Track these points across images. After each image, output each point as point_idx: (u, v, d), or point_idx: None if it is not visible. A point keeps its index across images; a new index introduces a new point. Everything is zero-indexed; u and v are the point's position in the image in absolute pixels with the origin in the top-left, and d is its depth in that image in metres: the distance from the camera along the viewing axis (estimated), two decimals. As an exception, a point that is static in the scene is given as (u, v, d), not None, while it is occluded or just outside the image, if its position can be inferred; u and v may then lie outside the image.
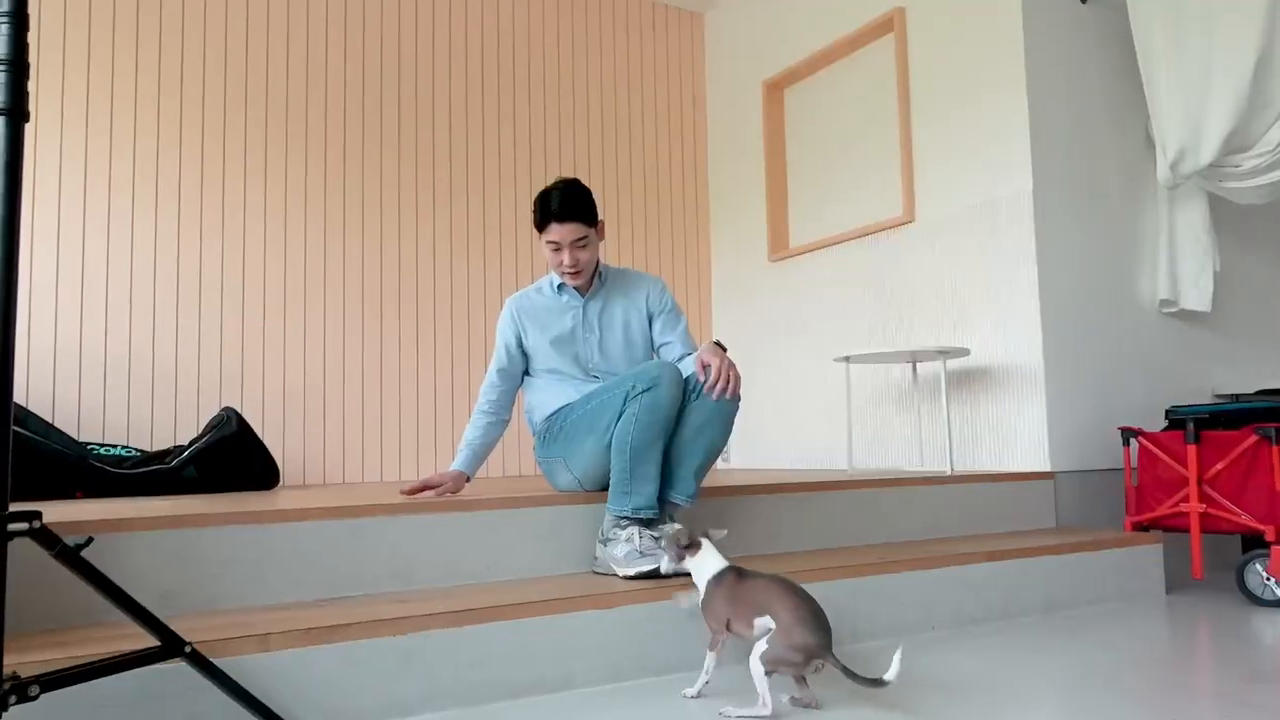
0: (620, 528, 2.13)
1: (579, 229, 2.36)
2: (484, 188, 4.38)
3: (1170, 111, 3.24)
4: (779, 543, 2.60)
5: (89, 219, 3.60)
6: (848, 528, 2.74)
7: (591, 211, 2.39)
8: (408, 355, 4.13)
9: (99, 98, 3.64)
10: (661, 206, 4.85)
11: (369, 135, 4.13)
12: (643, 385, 2.15)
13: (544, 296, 2.54)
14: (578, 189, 2.38)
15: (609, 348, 2.49)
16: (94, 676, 1.29)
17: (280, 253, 3.92)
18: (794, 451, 4.33)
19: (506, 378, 2.53)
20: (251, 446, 3.39)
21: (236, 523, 1.89)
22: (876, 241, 3.91)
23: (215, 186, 3.82)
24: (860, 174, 4.10)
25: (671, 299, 2.56)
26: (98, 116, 3.63)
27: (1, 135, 1.21)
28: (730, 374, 2.19)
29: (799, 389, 4.33)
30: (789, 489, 2.66)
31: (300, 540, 1.94)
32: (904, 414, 3.74)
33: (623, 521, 2.14)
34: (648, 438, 2.13)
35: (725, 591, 1.74)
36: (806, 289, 4.30)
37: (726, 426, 2.22)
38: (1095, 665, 1.97)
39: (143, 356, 3.63)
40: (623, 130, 4.79)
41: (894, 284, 3.81)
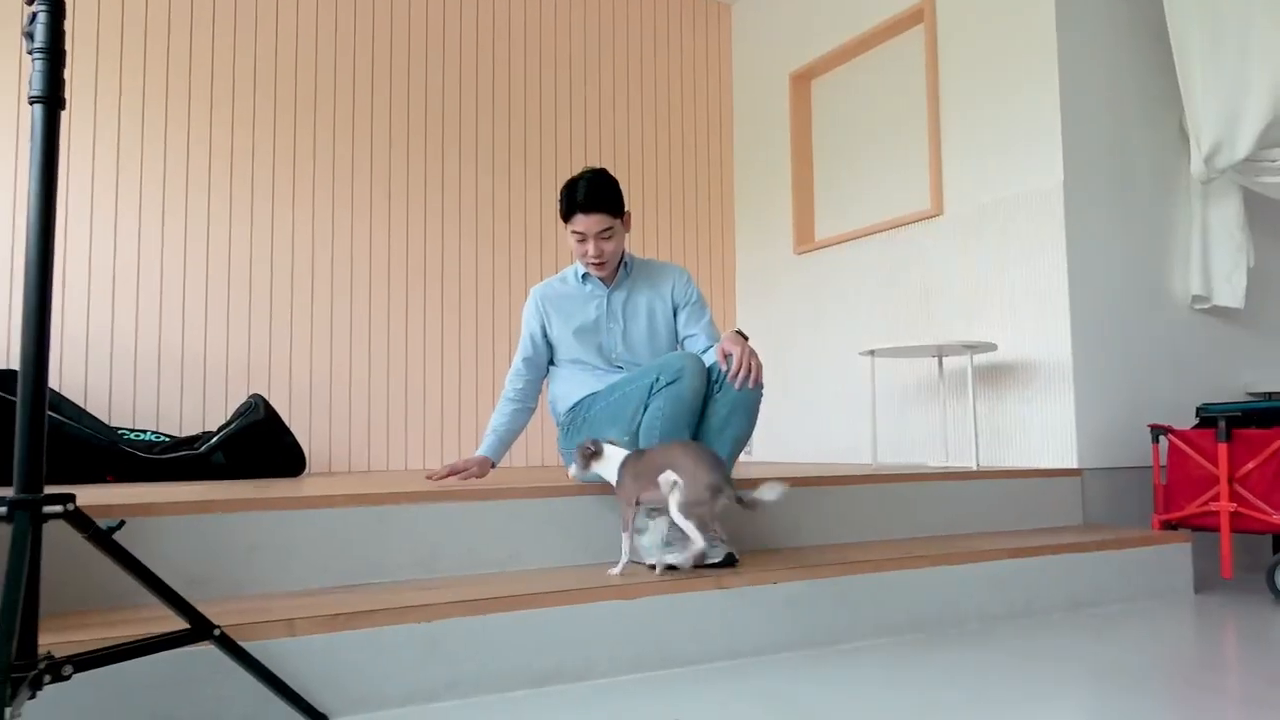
0: (650, 518, 2.14)
1: (604, 220, 2.35)
2: (509, 178, 4.39)
3: (1205, 105, 3.18)
4: (801, 536, 2.59)
5: (121, 207, 3.64)
6: (871, 522, 2.73)
7: (617, 202, 2.37)
8: (433, 343, 4.16)
9: (132, 86, 3.68)
10: (686, 198, 4.84)
11: (396, 125, 4.15)
12: (667, 378, 2.15)
13: (568, 286, 2.53)
14: (604, 179, 2.37)
15: (633, 338, 2.49)
16: (126, 658, 1.31)
17: (308, 242, 3.95)
18: (817, 445, 4.32)
19: (532, 367, 2.54)
20: (278, 433, 3.42)
21: (263, 509, 1.91)
22: (903, 235, 3.88)
23: (245, 175, 3.85)
24: (887, 167, 4.07)
25: (697, 291, 2.55)
26: (130, 104, 3.67)
27: (39, 122, 1.22)
28: (751, 362, 2.18)
29: (823, 382, 4.31)
30: (812, 482, 2.65)
31: (326, 527, 1.96)
32: (929, 409, 3.71)
33: (653, 513, 2.14)
34: (674, 429, 2.14)
35: (629, 470, 2.01)
36: (831, 282, 4.28)
37: (751, 417, 2.22)
38: (1121, 665, 1.95)
39: (173, 343, 3.67)
40: (649, 121, 4.78)
41: (920, 278, 3.78)
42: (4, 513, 1.19)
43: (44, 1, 1.22)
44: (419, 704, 1.68)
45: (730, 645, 2.00)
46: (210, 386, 3.73)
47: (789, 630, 2.08)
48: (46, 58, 1.22)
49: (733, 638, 2.00)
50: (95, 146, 3.61)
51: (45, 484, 1.24)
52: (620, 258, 2.49)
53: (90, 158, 3.60)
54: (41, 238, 1.23)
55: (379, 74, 4.13)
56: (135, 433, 3.38)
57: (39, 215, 1.23)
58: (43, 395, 1.22)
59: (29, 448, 1.21)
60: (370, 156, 4.09)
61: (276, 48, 3.94)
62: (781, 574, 2.09)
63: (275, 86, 3.92)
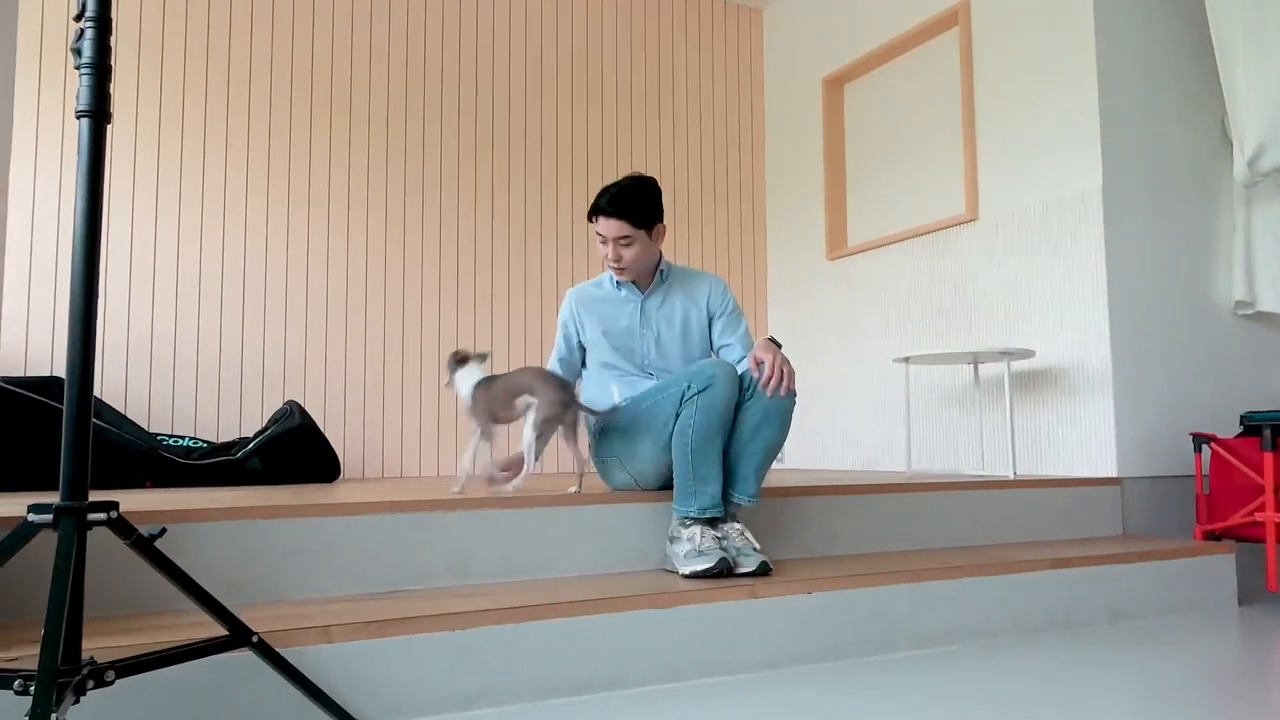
0: (685, 527, 2.15)
1: (623, 227, 2.36)
2: (541, 185, 4.41)
3: (1249, 107, 3.12)
4: (836, 545, 2.57)
5: (161, 216, 3.71)
6: (906, 531, 2.70)
7: (641, 212, 2.37)
8: (466, 348, 4.17)
9: (172, 91, 3.75)
10: (718, 203, 4.84)
11: (429, 132, 4.19)
12: (699, 385, 2.15)
13: (603, 291, 2.54)
14: (638, 188, 2.37)
15: (666, 345, 2.49)
16: (167, 664, 1.33)
17: (343, 250, 3.99)
18: (851, 453, 4.29)
19: (567, 367, 2.56)
20: (314, 439, 3.46)
21: (300, 515, 1.93)
22: (938, 240, 3.84)
23: (282, 183, 3.91)
24: (922, 171, 4.04)
25: (733, 300, 2.55)
26: (171, 112, 3.74)
27: (85, 136, 1.25)
28: (784, 370, 2.18)
29: (857, 389, 4.28)
30: (846, 490, 2.63)
31: (361, 533, 1.97)
32: (965, 416, 3.67)
33: (688, 521, 2.15)
34: (706, 437, 2.13)
35: (483, 393, 2.26)
36: (865, 288, 4.25)
37: (784, 424, 2.21)
38: (1163, 679, 1.92)
39: (210, 350, 3.73)
40: (679, 127, 4.78)
41: (956, 283, 3.75)
42: (50, 520, 1.21)
43: (92, 19, 1.25)
44: (453, 711, 1.69)
45: (764, 655, 1.99)
46: (247, 393, 3.78)
47: (823, 641, 2.06)
48: (94, 73, 1.25)
49: (766, 648, 1.99)
50: (137, 154, 3.68)
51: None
52: (656, 264, 2.50)
53: (131, 165, 3.67)
54: (87, 250, 1.25)
55: (412, 82, 4.17)
56: (174, 439, 3.44)
57: (85, 228, 1.25)
58: (88, 405, 1.24)
59: (74, 456, 1.23)
60: (404, 165, 4.13)
61: (313, 59, 4.00)
62: (816, 583, 2.08)
63: (312, 92, 3.98)
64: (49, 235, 3.51)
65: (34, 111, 3.52)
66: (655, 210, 2.40)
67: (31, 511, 1.22)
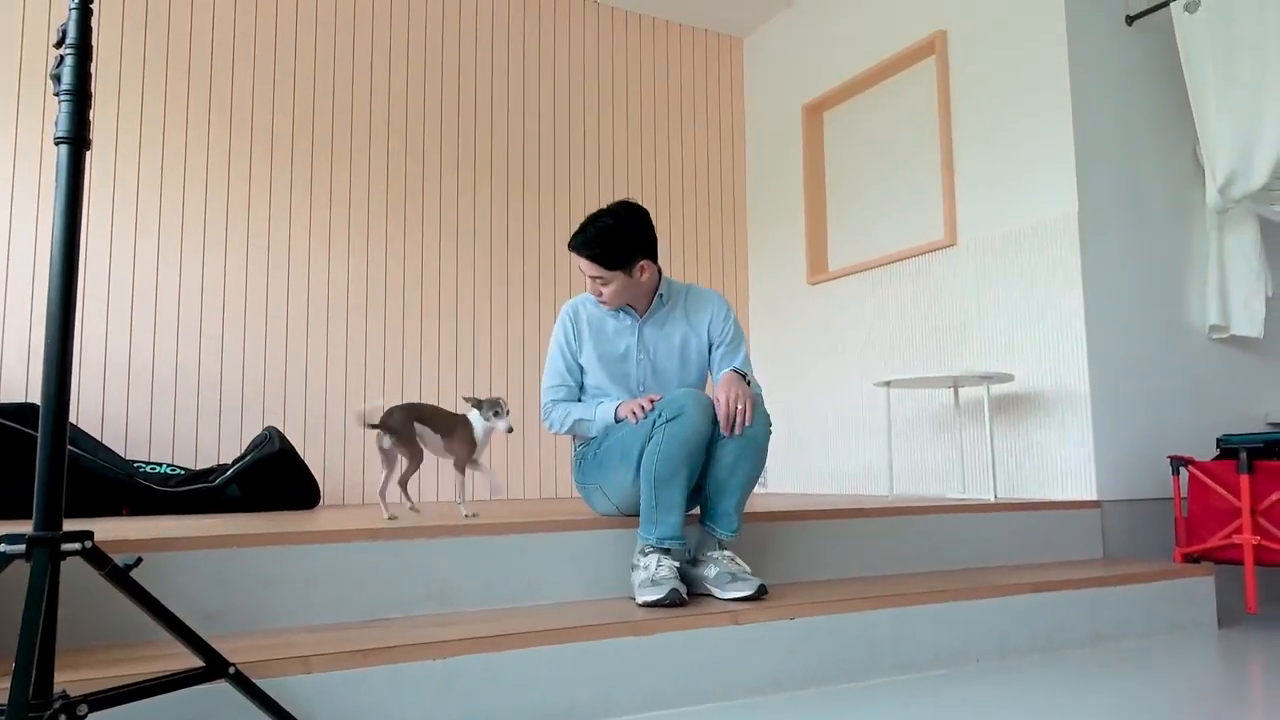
0: (643, 555, 2.13)
1: (594, 268, 2.31)
2: (524, 211, 4.42)
3: (1220, 134, 3.18)
4: (819, 569, 2.57)
5: (139, 241, 3.68)
6: (889, 556, 2.70)
7: (614, 255, 2.29)
8: (447, 377, 4.17)
9: (151, 121, 3.74)
10: (700, 228, 4.86)
11: (412, 160, 4.19)
12: (668, 414, 2.13)
13: (601, 311, 2.47)
14: (611, 228, 2.29)
15: (662, 372, 2.45)
16: (140, 696, 1.30)
17: (323, 275, 3.98)
18: (833, 477, 4.29)
19: (569, 390, 2.48)
20: (293, 466, 3.43)
21: (279, 543, 1.91)
22: (918, 265, 3.88)
23: (262, 207, 3.90)
24: (901, 197, 4.08)
25: (734, 326, 2.48)
26: (150, 138, 3.73)
27: (64, 162, 1.24)
28: (738, 407, 2.14)
29: (839, 413, 4.29)
30: (829, 515, 2.63)
31: (341, 561, 1.95)
32: (946, 440, 3.69)
33: (646, 549, 2.14)
34: (670, 468, 2.10)
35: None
36: (846, 312, 4.28)
37: (759, 458, 2.20)
38: (1144, 701, 1.92)
39: (189, 376, 3.70)
40: (661, 153, 4.81)
41: (936, 308, 3.78)
42: (22, 550, 1.19)
43: (72, 46, 1.24)
44: (434, 742, 1.66)
45: (748, 682, 1.98)
46: (226, 419, 3.74)
47: (807, 666, 2.05)
48: (73, 100, 1.24)
49: (750, 674, 1.98)
50: (116, 179, 3.66)
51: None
52: (653, 289, 2.43)
53: (110, 190, 3.65)
54: (64, 275, 1.24)
55: (395, 107, 4.18)
56: (151, 465, 3.39)
57: (62, 253, 1.24)
58: (63, 434, 1.23)
59: (49, 485, 1.21)
60: (386, 190, 4.13)
61: (295, 82, 4.00)
62: (799, 609, 2.07)
63: (293, 116, 3.97)
64: (25, 260, 3.48)
65: (11, 137, 3.50)
66: (635, 248, 2.32)
67: (2, 542, 1.20)
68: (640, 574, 2.10)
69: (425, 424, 2.46)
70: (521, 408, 4.29)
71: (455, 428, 2.46)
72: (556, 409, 2.47)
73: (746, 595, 2.09)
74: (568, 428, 2.45)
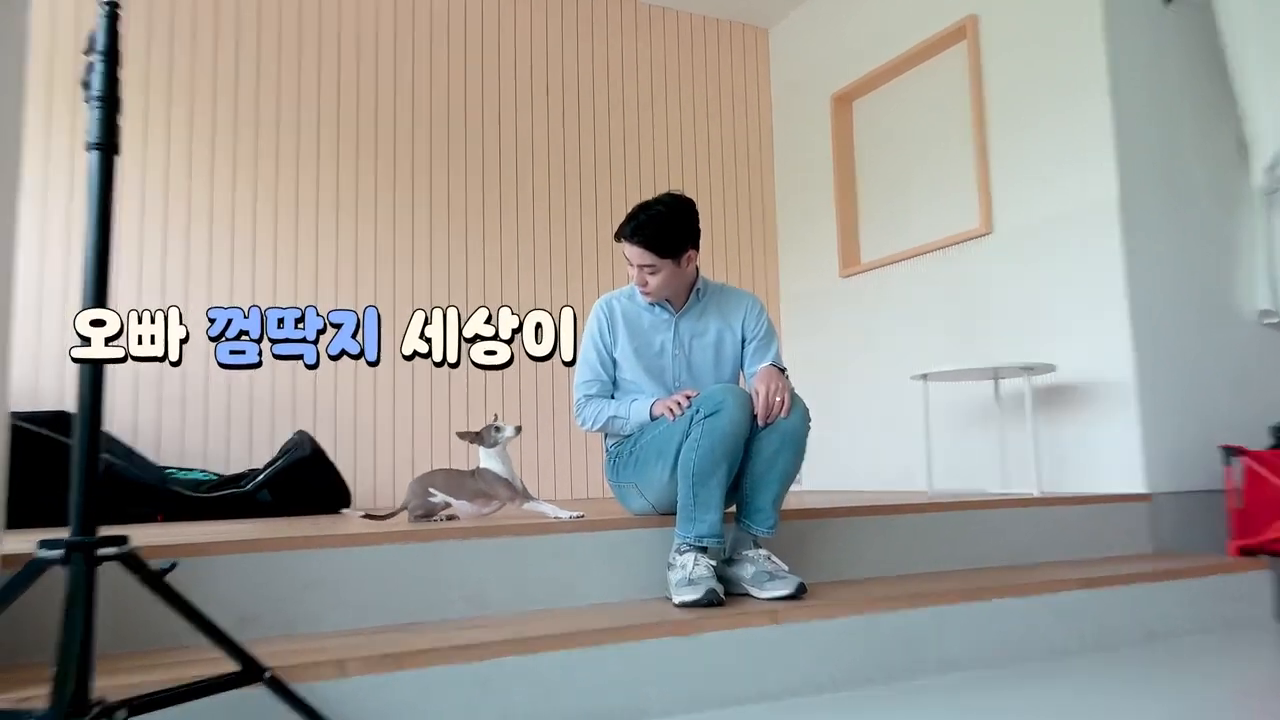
0: (680, 554, 2.12)
1: (645, 256, 2.32)
2: (550, 208, 4.43)
3: (1264, 114, 3.12)
4: (859, 568, 2.54)
5: (170, 244, 3.73)
6: (930, 553, 2.67)
7: (667, 242, 2.31)
8: (476, 378, 4.18)
9: (179, 124, 3.79)
10: (728, 222, 4.84)
11: (438, 161, 4.21)
12: (706, 410, 2.12)
13: (636, 305, 2.49)
14: (665, 216, 2.31)
15: (697, 368, 2.46)
16: (177, 701, 1.32)
17: (352, 276, 4.01)
18: (870, 473, 4.26)
19: (602, 385, 2.47)
20: (324, 469, 3.46)
21: (312, 547, 1.92)
22: (953, 255, 3.83)
23: (290, 210, 3.94)
24: (935, 185, 4.03)
25: (767, 323, 2.50)
26: (179, 138, 3.78)
27: (95, 168, 1.26)
28: (776, 400, 2.15)
29: (875, 408, 4.25)
30: (868, 511, 2.60)
31: (375, 564, 1.96)
32: (986, 433, 3.64)
33: (683, 547, 2.12)
34: (709, 464, 2.10)
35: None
36: (880, 305, 4.24)
37: (798, 452, 2.19)
38: (1205, 701, 1.88)
39: (219, 381, 3.74)
40: (688, 146, 4.80)
41: (973, 298, 3.73)
42: (61, 556, 1.21)
43: (101, 52, 1.26)
44: (471, 746, 1.66)
45: (788, 683, 1.96)
46: (257, 424, 3.79)
47: (849, 667, 2.03)
48: (103, 105, 1.26)
49: (791, 675, 1.97)
50: (145, 186, 3.71)
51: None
52: (691, 284, 2.45)
53: (140, 197, 3.70)
54: (97, 282, 1.25)
55: (421, 110, 4.21)
56: (183, 471, 3.44)
57: (94, 260, 1.25)
58: (97, 439, 1.24)
59: (84, 491, 1.23)
60: (412, 191, 4.16)
61: (319, 86, 4.03)
62: (840, 608, 2.06)
63: (319, 124, 4.01)
64: (58, 266, 3.53)
65: (44, 144, 3.55)
66: (685, 237, 2.35)
67: (42, 547, 1.22)
68: (677, 573, 2.09)
69: (441, 489, 2.45)
70: (551, 406, 4.29)
71: (470, 482, 2.45)
72: (590, 405, 2.47)
73: (785, 594, 2.08)
74: (600, 425, 2.45)
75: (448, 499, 2.44)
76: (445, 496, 2.44)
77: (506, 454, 2.47)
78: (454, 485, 2.45)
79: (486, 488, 2.42)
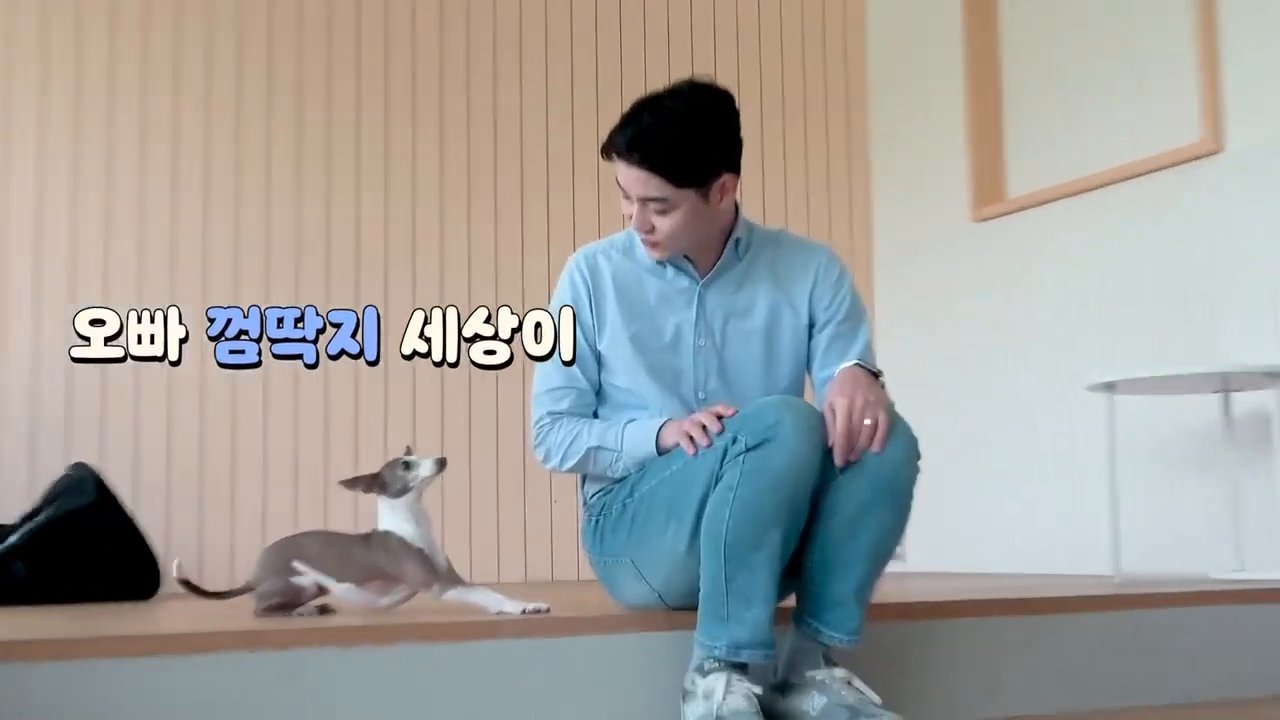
0: (703, 673, 2.10)
1: (650, 183, 2.25)
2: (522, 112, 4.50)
3: None
4: (998, 700, 2.54)
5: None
6: (1116, 676, 2.67)
7: (684, 163, 2.24)
8: (398, 387, 4.20)
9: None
10: (790, 137, 4.97)
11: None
12: (751, 438, 2.09)
13: (636, 265, 2.46)
14: (681, 116, 2.25)
15: (735, 366, 2.44)
16: None
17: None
18: (1017, 544, 4.28)
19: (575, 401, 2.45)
20: (117, 527, 3.45)
21: (96, 655, 1.91)
22: (1155, 187, 3.87)
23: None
24: (1125, 82, 4.10)
25: (851, 295, 2.47)
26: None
27: None
28: (866, 422, 2.12)
29: (1023, 436, 4.28)
30: (1013, 609, 2.63)
31: (202, 686, 1.95)
32: (1207, 481, 3.66)
33: (710, 664, 2.10)
34: (753, 527, 2.07)
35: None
36: (1035, 267, 4.29)
37: (899, 509, 2.17)
38: None
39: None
40: (746, 43, 4.92)
41: (1188, 257, 3.78)
42: None
43: None
44: None
45: None
46: (6, 454, 3.78)
47: None
48: None
49: None
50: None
51: None
52: (727, 230, 2.43)
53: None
54: None
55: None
56: None
57: None
58: None
59: None
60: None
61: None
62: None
63: None
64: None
65: None
66: (717, 153, 2.29)
67: None
68: (697, 707, 2.08)
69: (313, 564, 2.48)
70: (496, 435, 4.31)
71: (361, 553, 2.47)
72: (558, 429, 2.45)
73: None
74: (574, 463, 2.44)
75: (322, 579, 2.43)
76: (319, 575, 2.44)
77: (422, 509, 2.46)
78: (334, 558, 2.47)
79: (387, 563, 2.41)
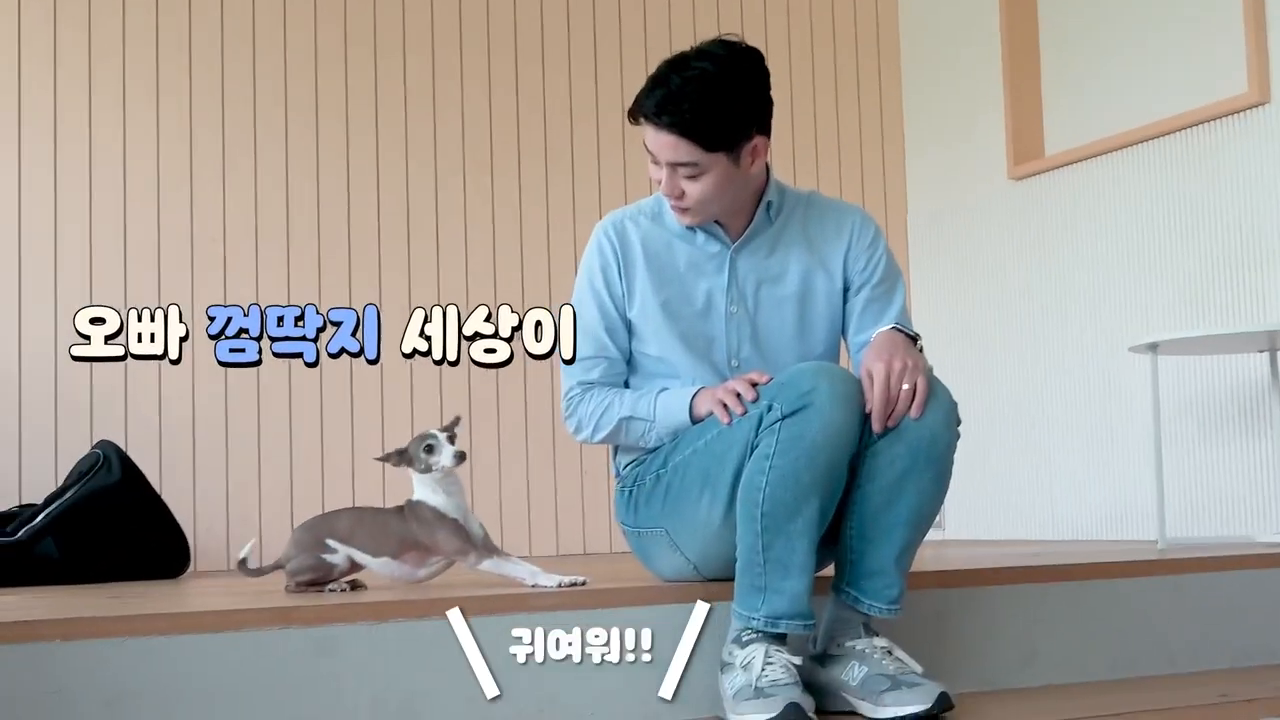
0: (740, 645, 2.11)
1: (680, 147, 2.27)
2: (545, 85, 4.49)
3: None
4: (1037, 668, 2.53)
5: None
6: (1158, 643, 2.66)
7: (713, 126, 2.25)
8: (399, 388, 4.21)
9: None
10: (820, 92, 4.93)
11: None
12: (787, 405, 2.10)
13: (666, 231, 2.47)
14: (710, 79, 2.26)
15: (768, 332, 2.45)
16: None
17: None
18: (1057, 511, 4.27)
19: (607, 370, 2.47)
20: (144, 504, 3.47)
21: (129, 633, 1.91)
22: (1198, 138, 3.86)
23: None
24: (1167, 33, 4.09)
25: (887, 258, 2.47)
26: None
27: None
28: (904, 387, 2.13)
29: (1062, 401, 4.28)
30: (1054, 575, 2.62)
31: (231, 664, 1.96)
32: (1254, 444, 3.64)
33: (747, 635, 2.11)
34: (791, 496, 2.08)
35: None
36: (1074, 225, 4.28)
37: (939, 476, 2.17)
38: None
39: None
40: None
41: (1232, 210, 3.76)
42: None
43: None
44: None
45: None
46: (33, 432, 3.81)
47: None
48: None
49: None
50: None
51: None
52: (758, 193, 2.44)
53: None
54: None
55: None
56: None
57: None
58: None
59: None
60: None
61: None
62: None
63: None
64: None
65: None
66: (747, 115, 2.30)
67: None
68: (736, 677, 2.08)
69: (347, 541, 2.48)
70: (523, 410, 4.33)
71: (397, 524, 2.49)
72: (589, 399, 2.46)
73: (919, 712, 2.07)
74: (606, 434, 2.45)
75: (356, 555, 2.44)
76: (352, 551, 2.44)
77: (455, 478, 2.46)
78: (367, 533, 2.47)
79: (421, 533, 2.42)
